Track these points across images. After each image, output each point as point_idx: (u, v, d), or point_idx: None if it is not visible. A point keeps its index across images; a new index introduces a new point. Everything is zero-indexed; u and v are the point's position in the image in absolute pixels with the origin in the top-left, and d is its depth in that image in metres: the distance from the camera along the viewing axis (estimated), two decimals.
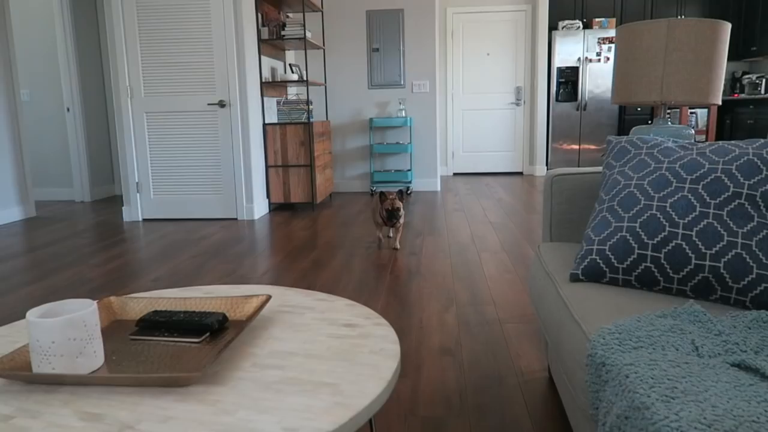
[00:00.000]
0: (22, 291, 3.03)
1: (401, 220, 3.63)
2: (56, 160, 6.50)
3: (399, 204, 3.57)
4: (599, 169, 1.77)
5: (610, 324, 1.10)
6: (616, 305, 1.22)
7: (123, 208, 5.05)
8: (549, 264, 1.56)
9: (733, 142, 1.40)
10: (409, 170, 6.30)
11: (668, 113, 2.03)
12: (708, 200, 1.29)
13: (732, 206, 1.27)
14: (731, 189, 1.29)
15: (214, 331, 1.01)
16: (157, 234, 4.43)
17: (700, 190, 1.31)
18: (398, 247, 3.67)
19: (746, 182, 1.28)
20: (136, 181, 4.99)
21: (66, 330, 0.84)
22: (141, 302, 1.13)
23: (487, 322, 2.41)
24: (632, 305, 1.22)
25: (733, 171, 1.30)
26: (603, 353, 1.03)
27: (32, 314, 0.86)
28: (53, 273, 3.36)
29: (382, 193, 3.61)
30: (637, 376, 0.90)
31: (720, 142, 1.41)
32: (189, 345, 0.97)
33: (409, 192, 6.30)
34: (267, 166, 5.25)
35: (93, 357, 0.88)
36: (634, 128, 2.18)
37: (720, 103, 1.96)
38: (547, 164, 7.61)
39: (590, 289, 1.33)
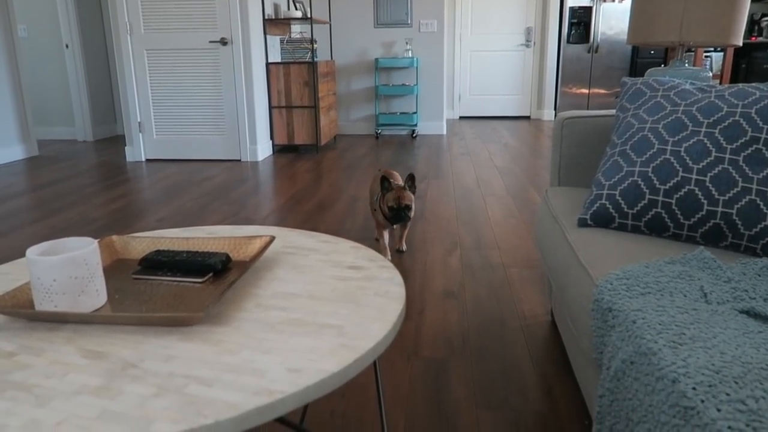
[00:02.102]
0: (25, 230, 3.03)
1: (411, 215, 2.48)
2: (57, 98, 6.41)
3: (410, 199, 2.42)
4: (612, 112, 1.72)
5: (618, 269, 1.09)
6: (624, 251, 1.20)
7: (125, 148, 5.01)
8: (556, 208, 1.54)
9: (753, 84, 1.35)
10: (414, 113, 6.19)
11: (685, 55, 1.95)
12: (724, 145, 1.25)
13: (749, 151, 1.23)
14: (749, 134, 1.25)
15: (217, 272, 1.00)
16: (160, 174, 4.41)
17: (716, 135, 1.27)
18: (404, 248, 2.62)
19: (765, 126, 1.24)
20: (138, 120, 4.92)
21: (67, 268, 0.82)
22: (143, 242, 1.12)
23: (490, 266, 2.41)
24: (641, 251, 1.20)
25: (753, 115, 1.26)
26: (610, 298, 1.01)
27: (32, 252, 0.84)
28: (56, 212, 3.36)
29: (384, 179, 2.42)
30: (645, 321, 0.89)
31: (740, 85, 1.35)
32: (192, 285, 0.96)
33: (414, 136, 6.21)
34: (270, 107, 5.16)
35: (95, 296, 0.87)
36: (649, 70, 2.11)
37: (741, 44, 1.88)
38: (555, 108, 7.47)
39: (598, 235, 1.31)
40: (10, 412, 0.62)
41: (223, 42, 4.69)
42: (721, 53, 6.56)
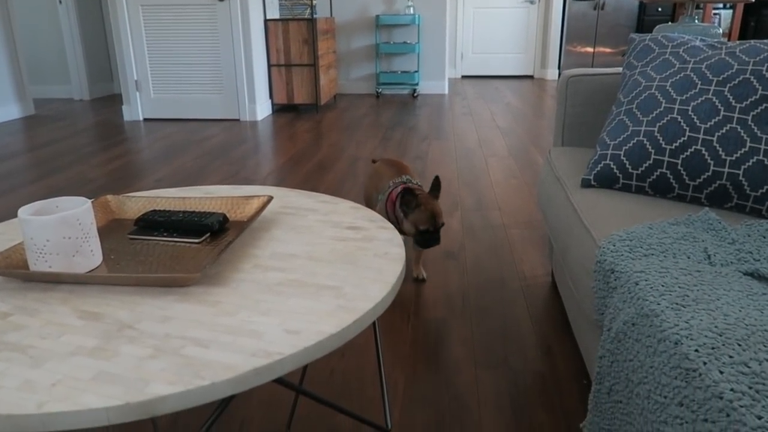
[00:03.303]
0: (23, 190, 3.01)
1: None
2: (52, 56, 6.29)
3: (442, 214, 1.79)
4: (619, 70, 1.67)
5: (621, 231, 1.07)
6: (627, 212, 1.19)
7: (123, 107, 4.94)
8: (560, 169, 1.52)
9: (765, 41, 1.30)
10: (416, 72, 6.08)
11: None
12: (733, 104, 1.22)
13: (758, 110, 1.20)
14: (759, 92, 1.21)
15: (214, 232, 0.98)
16: (158, 134, 4.36)
17: (726, 93, 1.23)
18: (424, 276, 1.95)
19: None
20: (135, 79, 4.84)
21: (60, 228, 0.81)
22: (139, 201, 1.10)
23: (491, 227, 2.40)
24: (644, 212, 1.18)
25: (764, 72, 1.22)
26: (612, 260, 1.00)
27: (24, 212, 0.83)
28: (55, 172, 3.34)
29: (409, 192, 1.74)
30: (647, 283, 0.88)
31: (752, 41, 1.31)
32: (189, 245, 0.94)
33: (415, 95, 6.12)
34: (269, 65, 5.07)
35: (90, 256, 0.85)
36: (658, 26, 2.05)
37: (753, 0, 1.81)
38: (559, 68, 7.34)
39: (601, 195, 1.29)
40: (4, 373, 0.62)
41: None
42: (730, 10, 6.41)
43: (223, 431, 1.24)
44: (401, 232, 1.83)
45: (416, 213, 1.76)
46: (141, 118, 4.95)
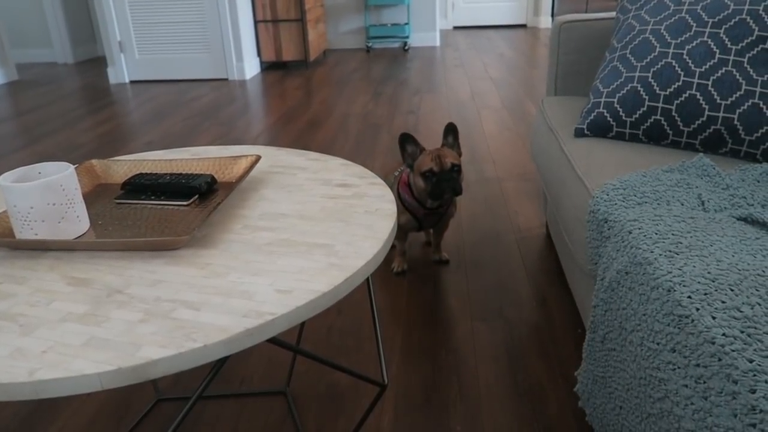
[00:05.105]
0: (12, 157, 2.97)
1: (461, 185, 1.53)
2: (31, 18, 6.11)
3: (455, 157, 1.51)
4: (613, 14, 1.63)
5: (615, 179, 1.06)
6: (621, 160, 1.17)
7: (108, 69, 4.83)
8: (553, 119, 1.49)
9: None
10: (406, 24, 5.95)
11: None
12: (729, 46, 1.19)
13: (754, 52, 1.17)
14: (756, 33, 1.18)
15: (202, 194, 0.97)
16: (145, 96, 4.28)
17: (721, 35, 1.20)
18: (446, 257, 1.76)
19: None
20: (118, 40, 4.72)
21: (43, 194, 0.79)
22: (125, 165, 1.08)
23: (485, 180, 2.38)
24: (638, 160, 1.17)
25: (761, 12, 1.19)
26: (606, 209, 1.00)
27: (6, 179, 0.81)
28: (43, 138, 3.28)
29: (407, 138, 1.54)
30: (641, 231, 0.87)
31: None
32: (177, 208, 0.93)
33: (406, 48, 6.00)
34: (255, 21, 4.94)
35: (77, 222, 0.84)
36: None
37: None
38: (552, 15, 7.19)
39: (595, 145, 1.27)
40: None
41: None
42: None
43: (224, 390, 1.25)
44: (409, 210, 1.60)
45: (419, 159, 1.51)
46: (127, 81, 4.85)
